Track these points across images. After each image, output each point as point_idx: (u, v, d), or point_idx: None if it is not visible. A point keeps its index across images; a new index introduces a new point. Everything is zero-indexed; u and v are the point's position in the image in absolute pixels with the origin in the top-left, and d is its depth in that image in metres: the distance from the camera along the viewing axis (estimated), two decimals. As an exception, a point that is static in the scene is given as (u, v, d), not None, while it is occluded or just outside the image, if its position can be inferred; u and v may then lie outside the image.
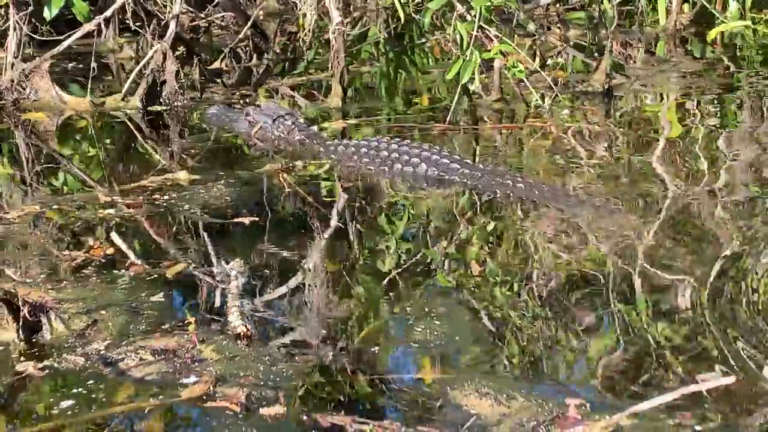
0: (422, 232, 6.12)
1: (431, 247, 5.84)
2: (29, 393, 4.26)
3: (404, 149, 7.05)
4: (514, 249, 5.75)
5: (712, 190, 6.50)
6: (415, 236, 6.05)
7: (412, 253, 5.72)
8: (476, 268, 5.49)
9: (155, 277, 5.40)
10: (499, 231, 6.10)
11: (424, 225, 6.25)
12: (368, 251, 5.78)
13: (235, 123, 8.28)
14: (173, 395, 4.20)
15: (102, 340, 4.65)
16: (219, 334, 4.72)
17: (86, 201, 6.63)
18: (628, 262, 5.36)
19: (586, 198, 6.32)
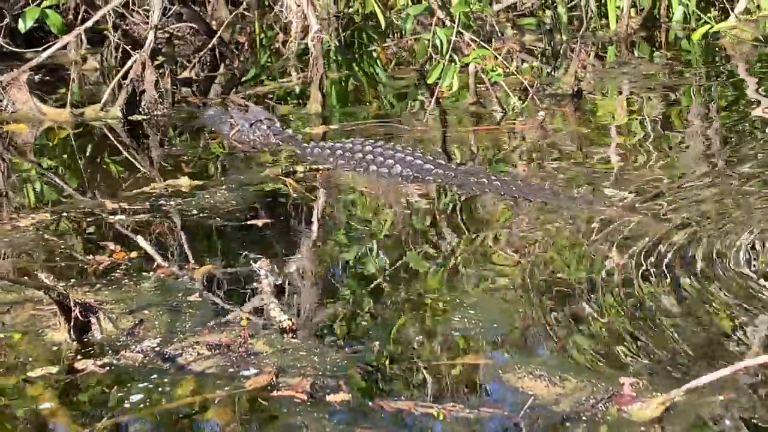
0: (435, 228, 6.30)
1: (450, 241, 6.03)
2: (95, 389, 4.37)
3: (378, 150, 7.25)
4: (534, 239, 5.97)
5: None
6: (428, 232, 6.24)
7: (430, 247, 5.91)
8: (498, 260, 5.69)
9: (185, 279, 5.51)
10: (511, 223, 6.31)
11: (435, 221, 6.44)
12: (385, 246, 5.96)
13: (221, 125, 8.41)
14: (237, 387, 4.34)
15: (153, 338, 4.77)
16: (264, 328, 4.86)
17: (93, 208, 6.71)
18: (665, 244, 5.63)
19: (560, 191, 6.59)
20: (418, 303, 5.18)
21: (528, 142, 8.30)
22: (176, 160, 7.98)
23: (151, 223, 6.39)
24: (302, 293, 5.32)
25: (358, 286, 5.43)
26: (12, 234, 6.21)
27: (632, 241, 5.77)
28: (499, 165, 7.61)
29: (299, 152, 7.83)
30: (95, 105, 9.45)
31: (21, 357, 4.67)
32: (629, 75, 10.78)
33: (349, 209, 6.77)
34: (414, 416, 4.08)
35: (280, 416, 4.11)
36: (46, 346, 4.76)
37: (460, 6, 9.00)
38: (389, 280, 5.47)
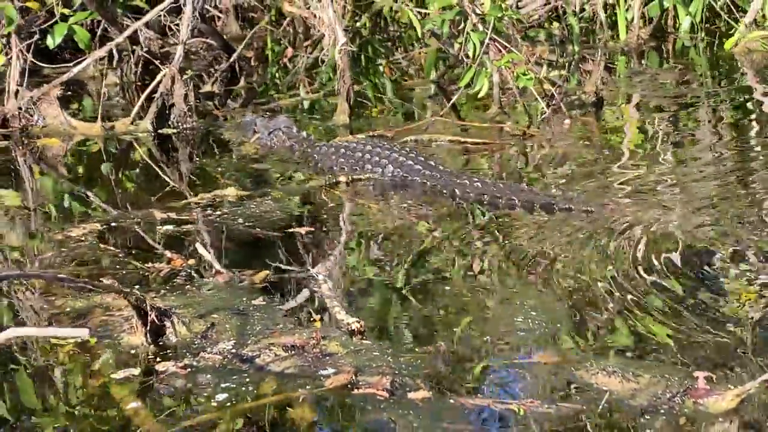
0: (474, 234, 6.44)
1: (497, 246, 6.17)
2: (179, 389, 4.48)
3: (376, 151, 7.57)
4: (572, 241, 6.11)
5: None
6: (468, 239, 6.38)
7: (475, 253, 6.06)
8: (545, 262, 5.83)
9: (245, 284, 5.63)
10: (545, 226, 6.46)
11: (471, 227, 6.58)
12: (429, 252, 6.09)
13: (247, 131, 8.76)
14: (318, 385, 4.46)
15: (227, 341, 4.89)
16: (333, 331, 4.98)
17: (142, 218, 6.82)
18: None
19: (540, 192, 6.88)
20: (476, 305, 5.30)
21: (554, 148, 8.43)
22: (216, 171, 8.08)
23: (201, 232, 6.50)
24: (359, 297, 5.43)
25: (411, 289, 5.55)
26: (68, 244, 6.32)
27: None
28: (525, 171, 7.75)
29: (309, 151, 8.13)
30: (125, 119, 9.55)
31: (101, 360, 4.78)
32: (646, 84, 10.94)
33: (388, 217, 6.88)
34: (494, 412, 4.19)
35: (365, 413, 4.22)
36: (124, 350, 4.87)
37: (493, 11, 9.15)
38: (441, 284, 5.59)
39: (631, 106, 10.14)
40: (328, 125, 9.50)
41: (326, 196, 7.29)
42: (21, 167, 8.51)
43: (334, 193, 7.30)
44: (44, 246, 6.30)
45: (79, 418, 4.30)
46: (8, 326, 4.81)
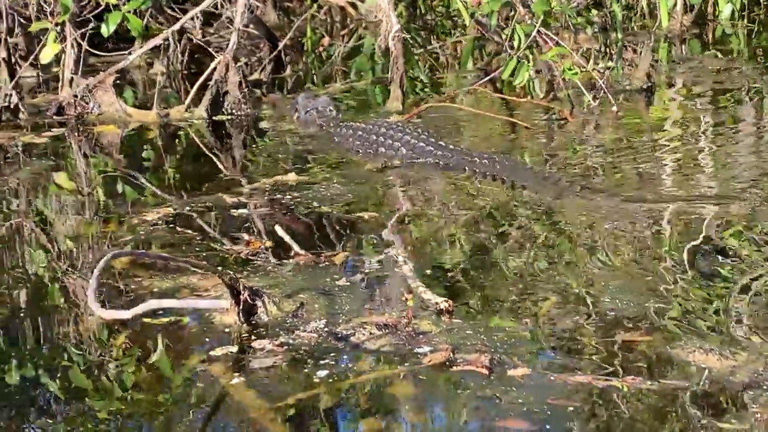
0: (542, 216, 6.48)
1: (568, 226, 6.22)
2: (278, 366, 4.53)
3: (390, 133, 7.80)
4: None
5: None
6: (538, 220, 6.42)
7: (550, 233, 6.10)
8: (623, 242, 5.86)
9: (326, 265, 5.67)
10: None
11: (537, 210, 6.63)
12: (497, 233, 6.14)
13: (291, 110, 9.14)
14: (416, 363, 4.50)
15: (318, 320, 4.94)
16: (421, 310, 5.02)
17: (213, 202, 6.88)
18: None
19: (539, 171, 7.12)
20: (558, 284, 5.33)
21: (599, 136, 8.47)
22: (274, 157, 8.13)
23: (273, 215, 6.55)
24: (439, 277, 5.47)
25: (489, 268, 5.59)
26: (144, 227, 6.38)
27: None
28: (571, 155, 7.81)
29: (332, 131, 8.39)
30: (179, 106, 9.61)
31: (196, 338, 4.83)
32: (695, 71, 10.94)
33: (447, 198, 6.91)
34: (597, 388, 4.22)
35: (467, 390, 4.26)
36: (218, 328, 4.92)
37: (541, 5, 9.16)
38: (519, 264, 5.63)
39: (680, 92, 10.13)
40: (381, 112, 9.53)
41: (386, 178, 7.32)
42: (78, 154, 8.58)
43: (392, 175, 7.34)
44: (122, 230, 6.34)
45: (182, 394, 4.35)
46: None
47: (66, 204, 7.04)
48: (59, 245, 6.21)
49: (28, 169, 8.01)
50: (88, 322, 5.08)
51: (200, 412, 4.26)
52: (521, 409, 4.10)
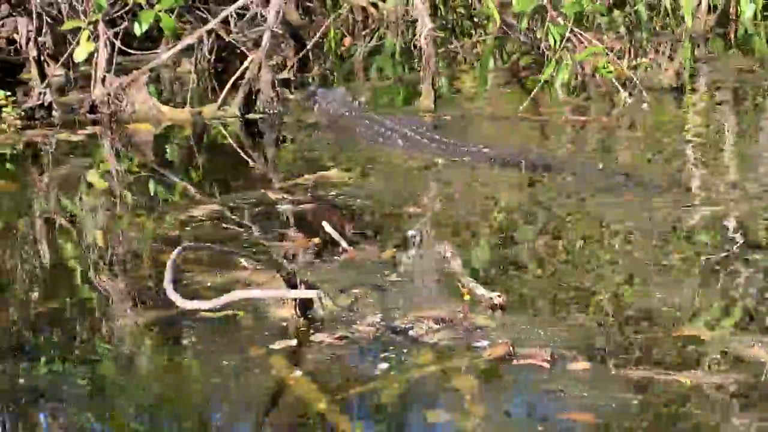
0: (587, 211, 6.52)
1: (616, 220, 6.26)
2: (339, 359, 4.56)
3: (394, 126, 8.26)
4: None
5: None
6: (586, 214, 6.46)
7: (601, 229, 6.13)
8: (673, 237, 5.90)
9: (375, 260, 5.71)
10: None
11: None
12: (545, 228, 6.17)
13: (309, 101, 9.48)
14: (476, 356, 4.53)
15: (373, 314, 4.97)
16: (474, 305, 5.05)
17: (257, 199, 6.92)
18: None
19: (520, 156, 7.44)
20: (608, 279, 5.36)
21: (634, 132, 8.52)
22: (311, 154, 8.18)
23: (318, 211, 6.58)
24: (489, 272, 5.50)
25: (538, 262, 5.63)
26: (191, 223, 6.42)
27: None
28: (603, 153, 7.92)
29: (346, 115, 8.88)
30: (212, 104, 9.65)
31: (254, 332, 4.87)
32: (723, 71, 10.97)
33: (489, 198, 6.95)
34: (659, 382, 4.25)
35: (529, 383, 4.29)
36: (275, 322, 4.96)
37: (572, 6, 9.19)
38: (565, 258, 5.67)
39: (708, 91, 10.16)
40: (412, 110, 9.57)
41: (427, 175, 7.37)
42: (115, 152, 8.61)
43: (434, 173, 7.38)
44: (171, 225, 6.38)
45: (243, 386, 4.38)
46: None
47: (109, 201, 7.08)
48: (108, 242, 6.25)
49: (68, 166, 8.05)
50: (142, 317, 5.11)
51: (262, 404, 4.30)
52: (586, 402, 4.13)
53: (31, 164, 8.24)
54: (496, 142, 8.12)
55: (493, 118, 9.24)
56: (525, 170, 7.37)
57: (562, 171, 7.28)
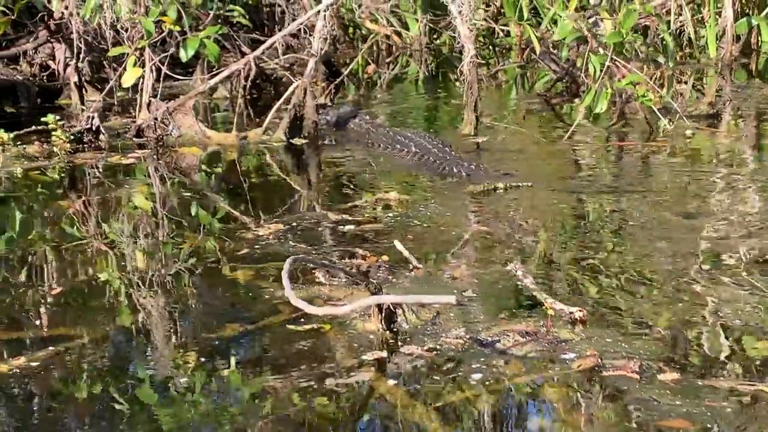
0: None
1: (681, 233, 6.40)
2: (431, 370, 4.68)
3: (407, 135, 8.97)
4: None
5: None
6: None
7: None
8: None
9: (447, 278, 5.83)
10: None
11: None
12: (612, 247, 6.30)
13: (322, 119, 9.99)
14: (565, 368, 4.65)
15: (456, 328, 5.09)
16: (555, 319, 5.17)
17: (318, 219, 7.06)
18: None
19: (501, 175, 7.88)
20: (680, 291, 5.48)
21: (674, 157, 8.68)
22: (364, 177, 8.32)
23: (385, 232, 6.71)
24: (561, 288, 5.62)
25: (610, 276, 5.75)
26: (260, 242, 6.55)
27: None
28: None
29: (374, 136, 9.41)
30: (257, 129, 9.81)
31: (343, 344, 4.99)
32: (756, 98, 11.14)
33: (556, 221, 7.08)
34: (749, 394, 4.37)
35: (622, 393, 4.41)
36: (362, 335, 5.08)
37: (613, 37, 9.37)
38: (633, 270, 5.80)
39: (744, 119, 10.33)
40: (452, 134, 9.73)
41: (484, 198, 7.50)
42: (166, 174, 8.74)
43: (493, 196, 7.52)
44: (238, 244, 6.51)
45: (340, 396, 4.49)
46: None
47: (174, 222, 7.20)
48: (181, 262, 6.36)
49: (126, 188, 8.19)
50: (231, 331, 5.22)
51: (359, 414, 4.40)
52: (681, 411, 4.23)
53: (89, 186, 8.35)
54: (527, 166, 8.31)
55: (531, 143, 9.40)
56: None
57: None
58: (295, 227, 6.87)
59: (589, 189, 7.71)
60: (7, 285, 5.98)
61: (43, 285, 5.98)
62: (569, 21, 9.14)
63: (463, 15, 9.23)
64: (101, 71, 12.91)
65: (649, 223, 6.74)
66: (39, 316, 5.49)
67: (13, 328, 5.36)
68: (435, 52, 15.67)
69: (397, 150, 8.96)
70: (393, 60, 15.54)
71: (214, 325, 5.29)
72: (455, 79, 13.90)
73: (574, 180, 8.05)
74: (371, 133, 9.59)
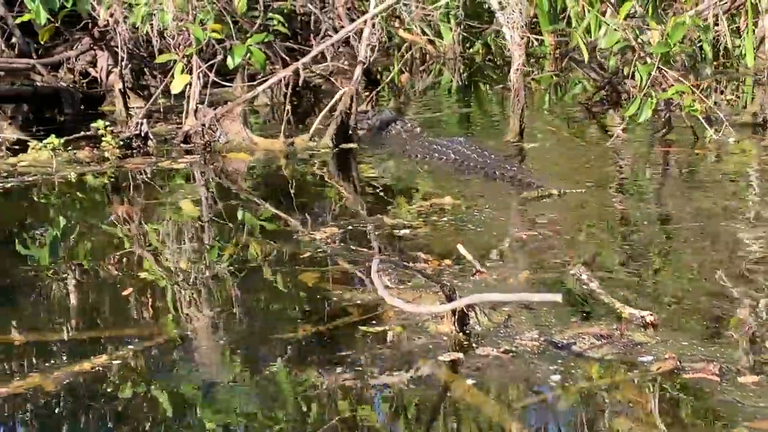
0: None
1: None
2: (509, 371, 4.70)
3: (445, 144, 8.99)
4: None
5: None
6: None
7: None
8: None
9: (513, 282, 5.85)
10: None
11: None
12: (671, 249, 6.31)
13: (362, 122, 10.17)
14: (644, 370, 4.66)
15: (529, 330, 5.11)
16: (624, 322, 5.18)
17: (373, 223, 7.08)
18: None
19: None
20: (754, 294, 5.47)
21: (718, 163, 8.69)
22: (413, 180, 8.36)
23: (437, 236, 6.73)
24: (624, 292, 5.62)
25: (674, 279, 5.75)
26: (317, 245, 6.58)
27: None
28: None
29: (412, 143, 9.47)
30: (303, 135, 9.85)
31: (417, 346, 5.01)
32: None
33: (610, 226, 7.09)
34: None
35: (705, 395, 4.41)
36: (435, 337, 5.10)
37: (660, 47, 9.38)
38: (695, 276, 5.80)
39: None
40: (494, 141, 9.76)
41: (537, 204, 7.52)
42: (219, 179, 8.79)
43: (547, 202, 7.54)
44: (298, 247, 6.54)
45: (417, 396, 4.51)
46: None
47: (228, 226, 7.24)
48: (245, 264, 6.40)
49: (181, 192, 8.23)
50: (301, 331, 5.25)
51: (438, 414, 4.43)
52: (766, 412, 4.23)
53: (144, 191, 8.41)
54: (574, 172, 8.36)
55: (576, 149, 9.44)
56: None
57: None
58: (351, 231, 6.90)
59: (640, 194, 7.76)
60: (80, 287, 6.02)
61: (115, 286, 6.01)
62: (617, 30, 9.13)
63: (514, 23, 9.22)
64: (140, 78, 13.01)
65: (703, 227, 6.72)
66: (114, 316, 5.52)
67: (91, 327, 5.39)
68: (468, 61, 15.72)
69: (436, 158, 8.93)
70: (426, 68, 15.60)
71: (287, 326, 5.31)
72: (488, 88, 13.99)
73: (623, 185, 8.06)
74: (408, 142, 9.58)
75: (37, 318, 5.52)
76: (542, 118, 11.12)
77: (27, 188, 8.37)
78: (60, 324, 5.45)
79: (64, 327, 5.42)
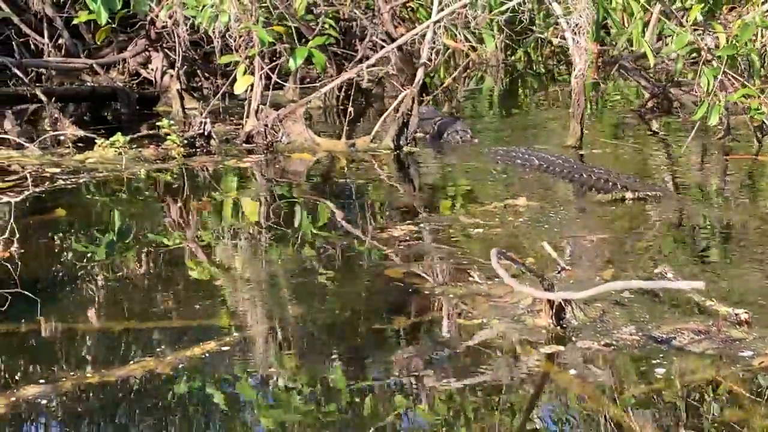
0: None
1: None
2: (614, 363, 4.75)
3: (526, 151, 9.11)
4: None
5: None
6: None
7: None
8: None
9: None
10: None
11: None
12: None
13: (425, 126, 10.31)
14: (746, 365, 4.70)
15: (625, 325, 5.15)
16: (720, 318, 5.21)
17: (448, 222, 7.15)
18: None
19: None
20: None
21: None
22: (482, 181, 8.43)
23: (513, 235, 6.78)
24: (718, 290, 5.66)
25: (759, 283, 5.79)
26: (399, 242, 6.66)
27: None
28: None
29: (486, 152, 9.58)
30: (365, 137, 9.92)
31: (516, 338, 5.06)
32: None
33: (688, 228, 7.13)
34: None
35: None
36: (533, 330, 5.15)
37: (726, 50, 9.41)
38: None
39: None
40: (557, 146, 9.80)
41: (611, 207, 7.57)
42: (286, 177, 8.87)
43: (622, 204, 7.59)
44: (378, 244, 6.61)
45: (519, 387, 4.57)
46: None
47: (306, 223, 7.32)
48: (329, 260, 6.47)
49: (253, 190, 8.32)
50: (396, 323, 5.31)
51: (541, 405, 4.48)
52: None
53: (214, 188, 8.49)
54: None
55: (635, 155, 9.51)
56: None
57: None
58: (428, 229, 6.96)
59: (710, 199, 7.85)
60: (170, 279, 6.10)
61: (205, 279, 6.09)
62: (686, 33, 9.18)
63: (580, 28, 9.27)
64: (192, 80, 13.13)
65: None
66: (211, 307, 5.59)
67: (194, 317, 5.46)
68: (510, 68, 15.80)
69: (518, 164, 8.99)
70: (468, 75, 15.68)
71: (382, 318, 5.37)
72: (529, 95, 14.06)
73: (692, 190, 8.12)
74: (490, 150, 9.64)
75: (140, 305, 5.59)
76: (593, 126, 11.14)
77: (99, 184, 8.45)
78: (161, 312, 5.52)
79: (166, 315, 5.48)
